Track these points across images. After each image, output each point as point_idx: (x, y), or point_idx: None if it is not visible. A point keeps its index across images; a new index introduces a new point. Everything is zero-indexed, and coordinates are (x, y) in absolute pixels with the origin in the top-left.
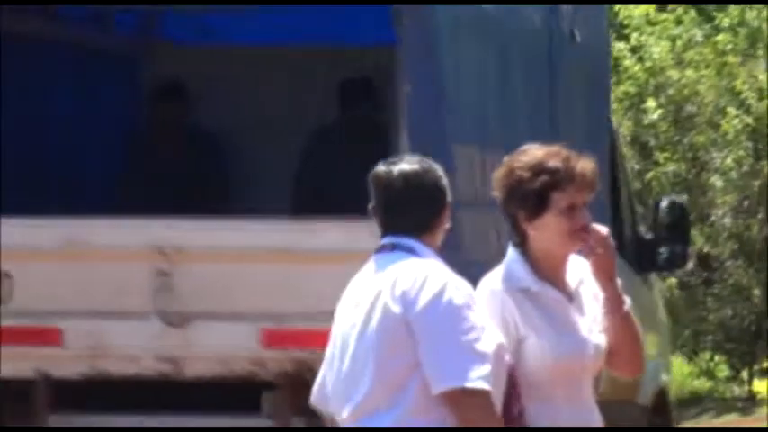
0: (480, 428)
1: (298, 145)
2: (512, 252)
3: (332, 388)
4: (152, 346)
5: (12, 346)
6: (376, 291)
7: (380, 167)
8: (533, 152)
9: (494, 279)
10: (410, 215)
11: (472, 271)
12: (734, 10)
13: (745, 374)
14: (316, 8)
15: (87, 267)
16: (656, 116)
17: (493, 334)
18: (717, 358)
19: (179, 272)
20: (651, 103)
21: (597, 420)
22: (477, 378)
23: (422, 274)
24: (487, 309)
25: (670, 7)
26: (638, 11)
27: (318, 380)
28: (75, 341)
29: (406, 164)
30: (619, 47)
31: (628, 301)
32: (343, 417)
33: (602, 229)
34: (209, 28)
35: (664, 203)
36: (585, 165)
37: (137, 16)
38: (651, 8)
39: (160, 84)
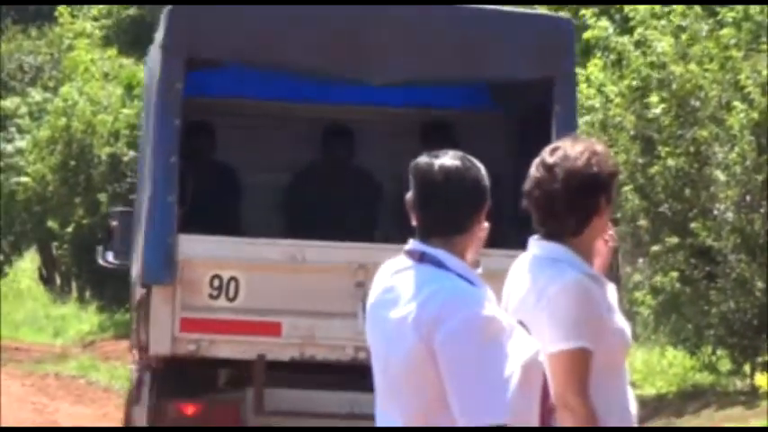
0: None
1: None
2: (558, 246)
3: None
4: (352, 338)
5: (237, 335)
6: (401, 315)
7: (422, 159)
8: (593, 140)
9: (562, 269)
10: (447, 213)
11: None
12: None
13: (747, 368)
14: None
15: (303, 277)
16: (659, 110)
17: (524, 343)
18: (719, 352)
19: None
20: (654, 97)
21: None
22: (496, 413)
23: (447, 299)
24: (575, 298)
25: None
26: (644, 5)
27: None
28: (290, 333)
29: (449, 158)
30: (622, 41)
31: None
32: None
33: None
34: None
35: None
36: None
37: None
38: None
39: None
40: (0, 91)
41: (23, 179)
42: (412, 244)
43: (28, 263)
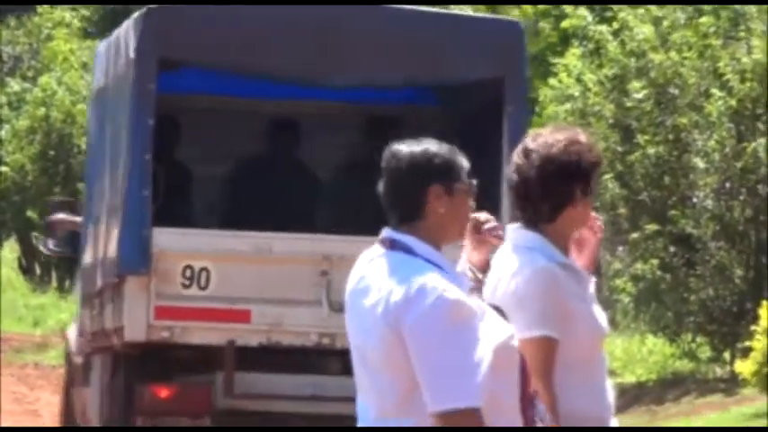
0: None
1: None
2: (533, 235)
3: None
4: (316, 325)
5: (209, 322)
6: (372, 303)
7: (390, 148)
8: (578, 130)
9: (533, 257)
10: (403, 198)
11: None
12: None
13: (727, 355)
14: None
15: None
16: (640, 96)
17: (496, 327)
18: (699, 339)
19: (336, 272)
20: (635, 84)
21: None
22: (465, 397)
23: (414, 285)
24: (542, 287)
25: None
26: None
27: None
28: (258, 320)
29: (409, 145)
30: (601, 30)
31: None
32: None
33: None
34: None
35: None
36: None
37: None
38: None
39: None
40: None
41: (2, 169)
42: (384, 232)
43: (7, 252)
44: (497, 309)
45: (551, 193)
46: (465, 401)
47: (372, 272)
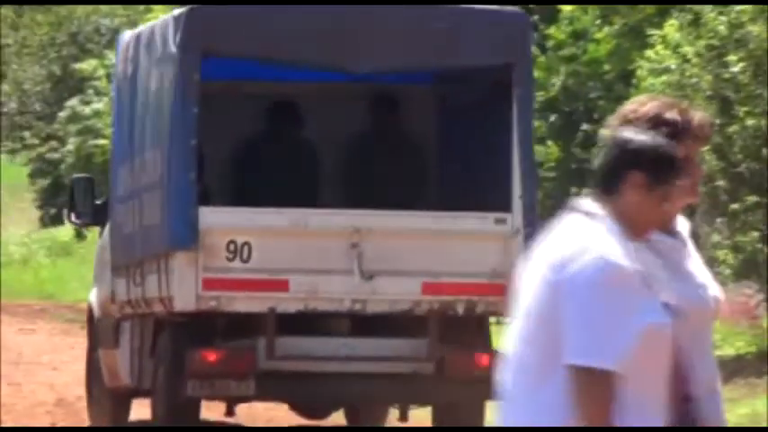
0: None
1: None
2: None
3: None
4: (349, 292)
5: (251, 292)
6: (540, 260)
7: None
8: (650, 103)
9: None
10: (600, 174)
11: None
12: None
13: None
14: None
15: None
16: (737, 69)
17: (651, 305)
18: None
19: (365, 244)
20: (733, 56)
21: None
22: (599, 357)
23: (581, 242)
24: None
25: None
26: None
27: None
28: (296, 288)
29: (642, 134)
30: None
31: None
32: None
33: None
34: None
35: None
36: (702, 117)
37: None
38: None
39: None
40: (78, 54)
41: (101, 141)
42: (579, 200)
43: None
44: None
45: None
46: (598, 361)
47: (551, 235)
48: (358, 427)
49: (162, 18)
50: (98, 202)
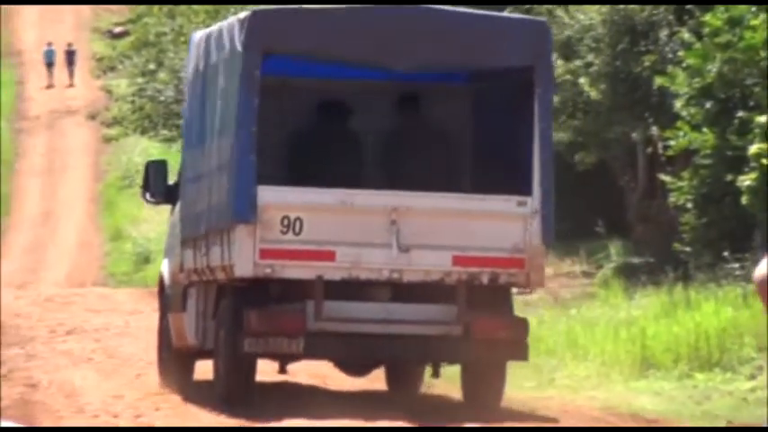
0: None
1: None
2: None
3: None
4: (387, 262)
5: (301, 261)
6: None
7: None
8: None
9: None
10: None
11: None
12: None
13: None
14: None
15: (351, 216)
16: None
17: None
18: None
19: (403, 221)
20: None
21: None
22: None
23: None
24: None
25: None
26: None
27: None
28: (342, 259)
29: None
30: None
31: None
32: None
33: None
34: None
35: None
36: None
37: None
38: None
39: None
40: None
41: None
42: None
43: None
44: None
45: None
46: None
47: None
48: (360, 427)
49: (229, 19)
50: (170, 183)
